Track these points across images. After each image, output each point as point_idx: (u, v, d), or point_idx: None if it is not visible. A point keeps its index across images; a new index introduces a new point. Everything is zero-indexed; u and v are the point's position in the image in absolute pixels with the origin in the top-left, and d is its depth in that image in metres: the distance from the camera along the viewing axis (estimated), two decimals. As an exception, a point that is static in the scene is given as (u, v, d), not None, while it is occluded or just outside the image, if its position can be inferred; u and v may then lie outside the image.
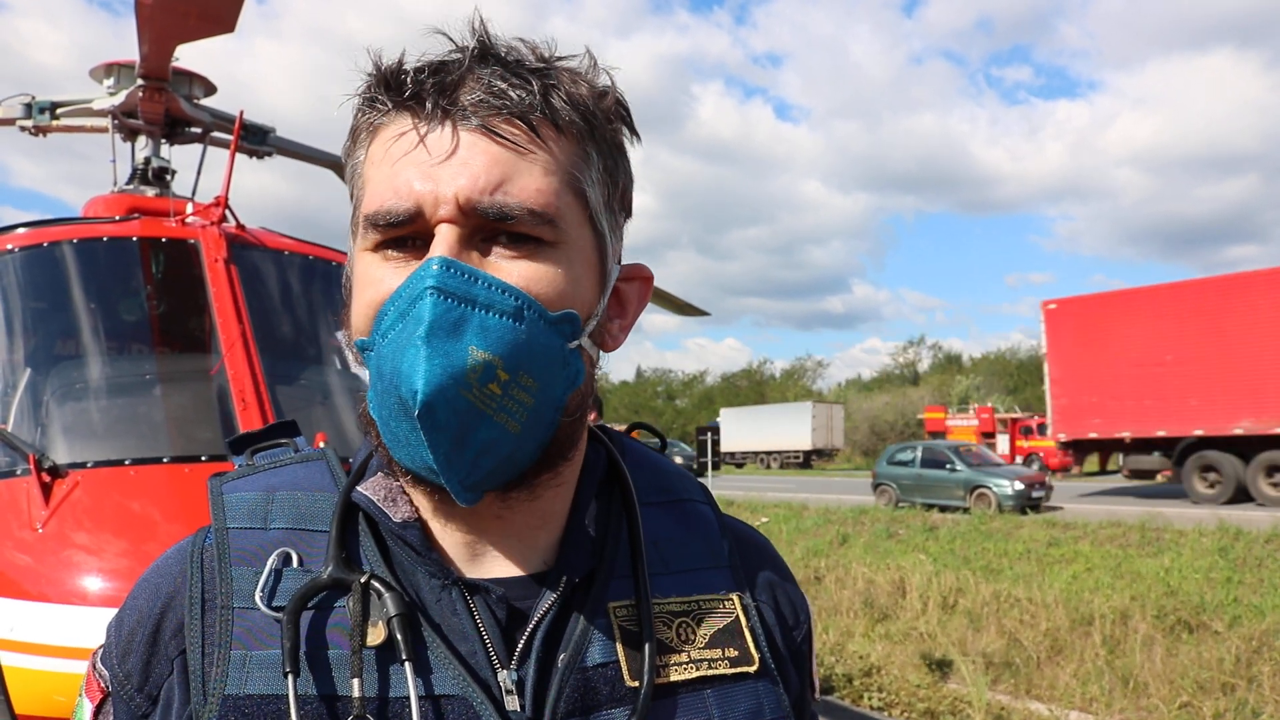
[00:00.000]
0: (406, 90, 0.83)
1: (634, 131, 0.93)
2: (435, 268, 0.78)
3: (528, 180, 0.82)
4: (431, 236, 0.81)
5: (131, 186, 5.06)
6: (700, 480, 1.12)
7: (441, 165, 0.81)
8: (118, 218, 4.28)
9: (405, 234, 0.82)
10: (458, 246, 0.80)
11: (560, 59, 0.87)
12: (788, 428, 54.64)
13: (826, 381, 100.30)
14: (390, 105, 0.85)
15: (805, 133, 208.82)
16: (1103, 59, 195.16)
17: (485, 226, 0.81)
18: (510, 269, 0.81)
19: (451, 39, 0.86)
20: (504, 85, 0.82)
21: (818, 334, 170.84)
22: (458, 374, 0.75)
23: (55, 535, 3.08)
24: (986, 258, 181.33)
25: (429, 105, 0.82)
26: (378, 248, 0.84)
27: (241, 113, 4.80)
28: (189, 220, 4.21)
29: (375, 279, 0.83)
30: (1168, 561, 13.70)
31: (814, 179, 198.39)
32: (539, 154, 0.83)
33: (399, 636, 0.82)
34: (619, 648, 0.88)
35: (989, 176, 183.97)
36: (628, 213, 0.96)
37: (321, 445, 1.06)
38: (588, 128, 0.87)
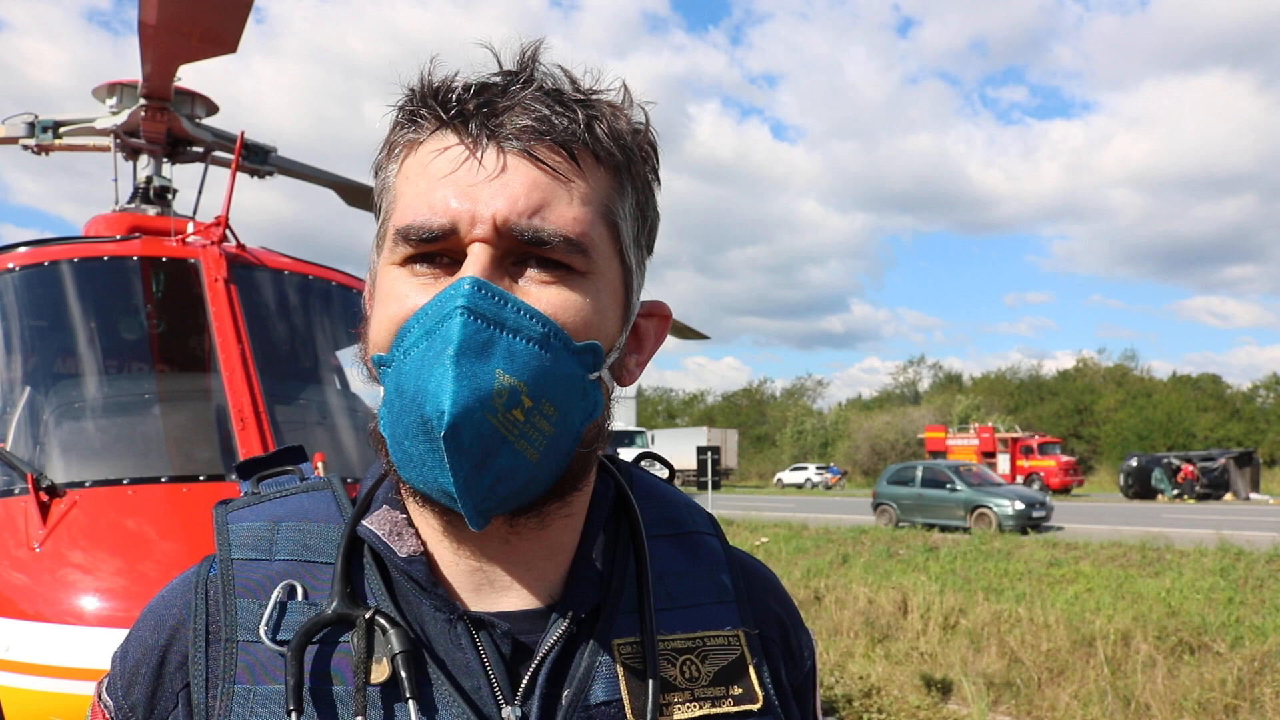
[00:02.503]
0: (451, 109, 0.83)
1: (656, 175, 0.93)
2: (467, 287, 0.77)
3: (565, 208, 0.81)
4: (462, 255, 0.80)
5: (133, 205, 5.07)
6: (702, 498, 1.11)
7: (481, 185, 0.80)
8: (119, 237, 4.29)
9: (436, 250, 0.82)
10: (490, 268, 0.79)
11: (598, 92, 0.87)
12: (684, 450, 57.10)
13: (827, 401, 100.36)
14: (434, 123, 0.84)
15: (802, 153, 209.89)
16: (1097, 80, 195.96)
17: (517, 250, 0.81)
18: (539, 295, 0.81)
19: (498, 58, 0.86)
20: (548, 112, 0.82)
21: (817, 353, 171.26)
22: (484, 397, 0.74)
23: (53, 555, 3.07)
24: (984, 278, 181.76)
25: (473, 126, 0.82)
26: (405, 262, 0.83)
27: (243, 133, 4.82)
28: (190, 240, 4.22)
29: (400, 294, 0.82)
30: (1169, 582, 13.66)
31: (811, 199, 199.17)
32: (578, 183, 0.83)
33: (403, 674, 0.81)
34: (623, 686, 0.87)
35: (986, 197, 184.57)
36: (651, 251, 0.96)
37: (319, 471, 1.04)
38: (625, 161, 0.87)
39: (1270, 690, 8.78)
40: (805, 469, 61.45)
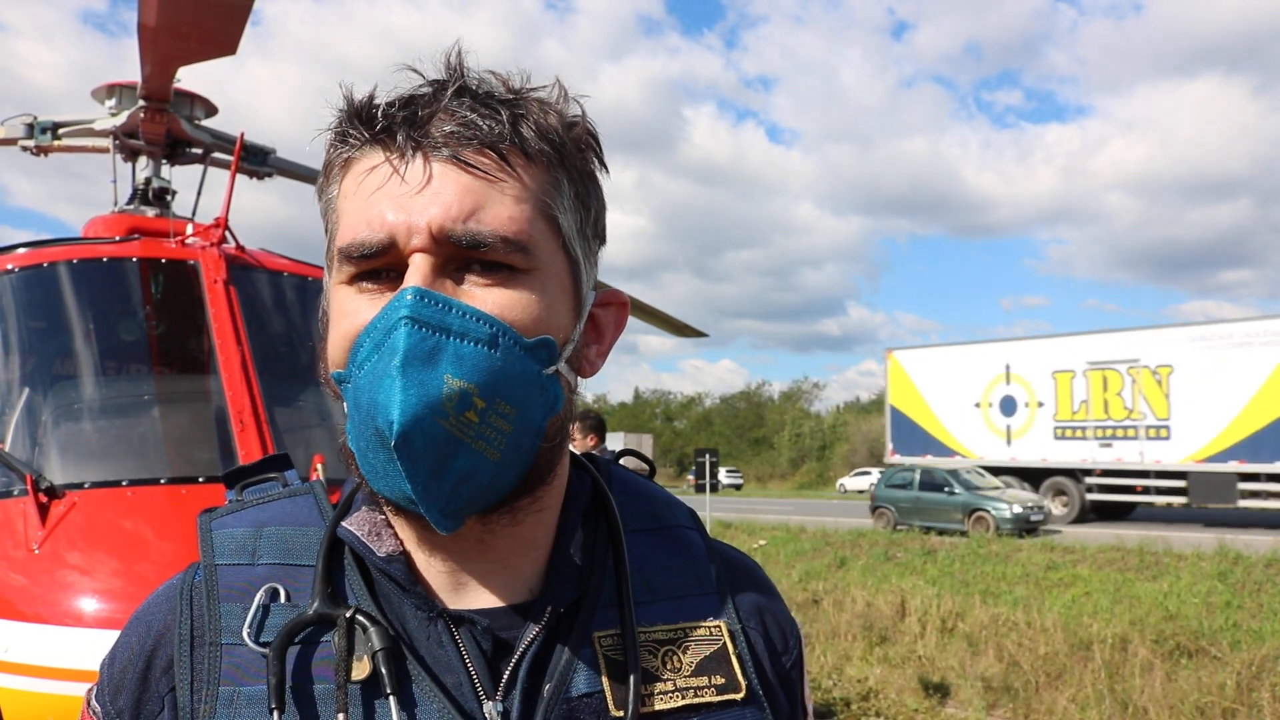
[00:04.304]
0: (378, 124, 0.84)
1: (602, 161, 0.94)
2: (409, 297, 0.78)
3: (499, 208, 0.82)
4: (405, 268, 0.81)
5: (132, 207, 5.07)
6: (696, 501, 1.11)
7: (414, 196, 0.81)
8: (118, 238, 4.29)
9: (379, 266, 0.83)
10: (431, 276, 0.80)
11: (531, 90, 0.88)
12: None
13: (824, 404, 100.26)
14: (362, 140, 0.85)
15: (798, 156, 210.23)
16: (1091, 84, 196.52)
17: (458, 255, 0.82)
18: (484, 297, 0.82)
19: (421, 74, 0.87)
20: (473, 116, 0.83)
21: (814, 356, 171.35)
22: (433, 403, 0.76)
23: (51, 556, 3.08)
24: (980, 281, 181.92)
25: (400, 138, 0.83)
26: (352, 280, 0.84)
27: (242, 134, 4.82)
28: (189, 241, 4.22)
29: (350, 311, 0.84)
30: (1166, 586, 13.68)
31: (807, 202, 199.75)
32: (510, 182, 0.84)
33: (384, 670, 0.82)
34: (604, 678, 0.88)
35: (981, 200, 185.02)
36: (601, 239, 0.96)
37: (317, 472, 1.05)
38: (557, 156, 0.87)
39: (1268, 694, 8.78)
40: (869, 473, 60.24)
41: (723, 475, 55.07)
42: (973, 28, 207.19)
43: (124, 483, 3.37)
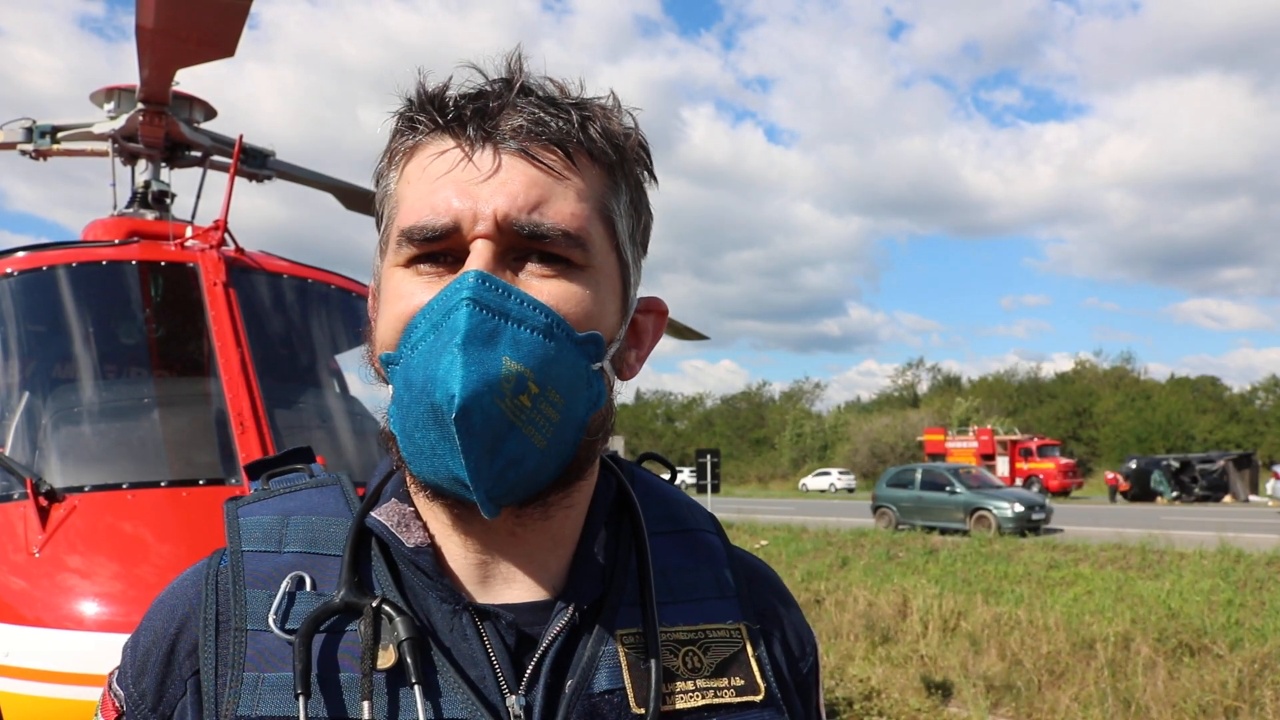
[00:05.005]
0: (449, 113, 0.86)
1: (652, 174, 0.96)
2: (472, 280, 0.80)
3: (563, 204, 0.84)
4: (465, 253, 0.83)
5: (131, 210, 5.06)
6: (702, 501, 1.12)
7: (481, 184, 0.83)
8: (117, 241, 4.29)
9: (439, 249, 0.84)
10: (493, 263, 0.82)
11: (588, 99, 0.90)
12: None
13: (825, 404, 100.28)
14: (430, 127, 0.87)
15: (797, 156, 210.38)
16: (1089, 83, 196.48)
17: (519, 245, 0.84)
18: (541, 287, 0.83)
19: (483, 73, 0.89)
20: (543, 114, 0.85)
21: (815, 356, 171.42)
22: (493, 381, 0.77)
23: (52, 560, 3.06)
24: (981, 280, 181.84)
25: (471, 129, 0.85)
26: (410, 263, 0.86)
27: (241, 136, 4.82)
28: (188, 244, 4.21)
29: (406, 293, 0.85)
30: (1168, 584, 13.66)
31: (807, 202, 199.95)
32: (574, 180, 0.86)
33: (409, 660, 0.83)
34: (626, 675, 0.89)
35: (981, 200, 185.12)
36: (645, 250, 0.99)
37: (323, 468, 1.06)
38: (618, 160, 0.90)
39: (1270, 692, 8.77)
40: (828, 474, 60.88)
41: (687, 475, 53.83)
42: (970, 27, 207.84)
43: (124, 486, 3.36)
